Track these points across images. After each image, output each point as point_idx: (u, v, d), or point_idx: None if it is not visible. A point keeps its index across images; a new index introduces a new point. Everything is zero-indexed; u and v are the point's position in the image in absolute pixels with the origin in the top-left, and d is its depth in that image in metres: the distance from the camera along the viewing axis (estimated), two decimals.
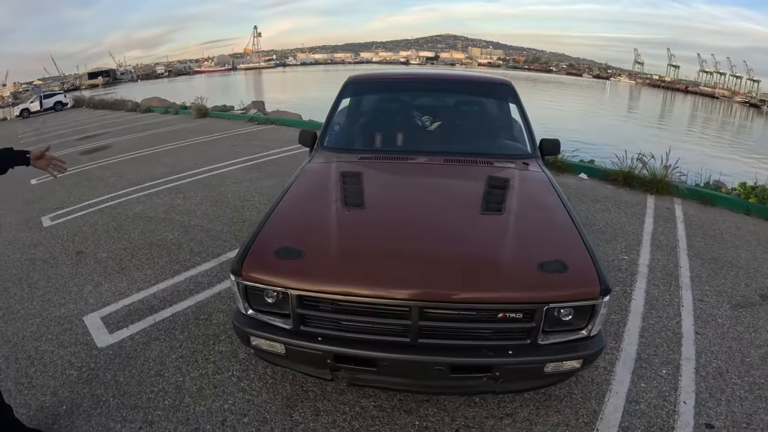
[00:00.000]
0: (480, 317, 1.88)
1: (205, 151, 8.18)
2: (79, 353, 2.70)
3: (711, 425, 2.21)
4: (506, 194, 2.41)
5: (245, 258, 1.99)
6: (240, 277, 1.96)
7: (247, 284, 1.96)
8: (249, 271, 1.94)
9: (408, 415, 2.22)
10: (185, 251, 3.99)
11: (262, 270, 1.95)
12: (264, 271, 1.94)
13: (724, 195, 5.87)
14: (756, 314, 3.24)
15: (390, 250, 2.03)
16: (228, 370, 2.50)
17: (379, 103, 3.72)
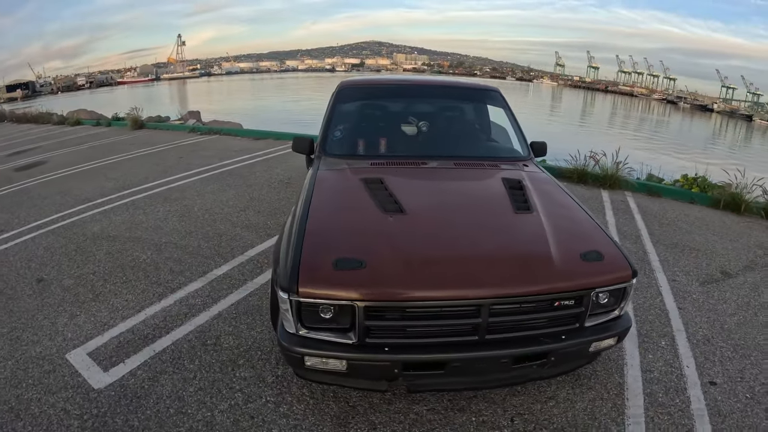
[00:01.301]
0: (538, 308, 1.88)
1: (153, 164, 7.39)
2: (74, 398, 2.23)
3: (714, 382, 2.45)
4: (526, 194, 2.41)
5: (298, 273, 1.72)
6: (296, 295, 1.70)
7: (303, 301, 1.70)
8: (306, 287, 1.70)
9: (462, 413, 2.13)
10: (165, 272, 3.50)
11: (322, 284, 1.72)
12: (325, 286, 1.72)
13: (670, 187, 6.31)
14: (722, 288, 3.54)
15: (451, 252, 1.92)
16: (260, 396, 2.19)
17: (376, 109, 3.55)
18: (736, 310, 3.22)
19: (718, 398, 2.32)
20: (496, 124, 3.64)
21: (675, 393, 2.34)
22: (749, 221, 5.32)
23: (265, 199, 5.25)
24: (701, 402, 2.28)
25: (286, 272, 1.78)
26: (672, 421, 2.16)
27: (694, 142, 28.69)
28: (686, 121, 52.73)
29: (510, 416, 2.12)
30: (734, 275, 3.80)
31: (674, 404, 2.26)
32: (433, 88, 3.86)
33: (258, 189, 5.68)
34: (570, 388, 2.32)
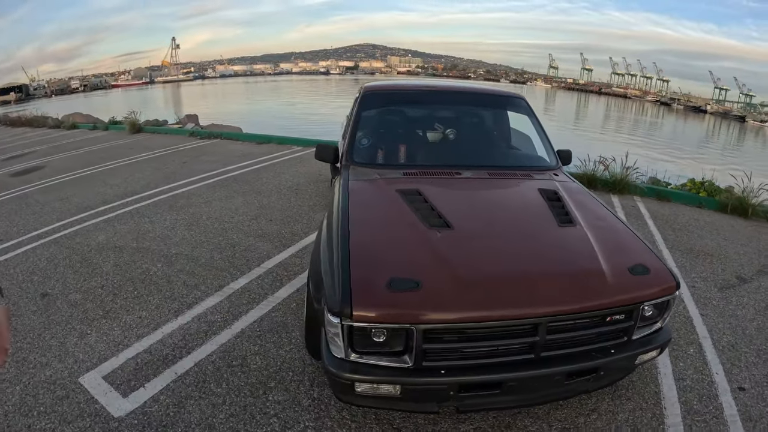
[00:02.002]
0: (592, 323, 1.82)
1: (154, 169, 7.20)
2: (92, 428, 2.06)
3: (743, 388, 2.48)
4: (565, 206, 2.35)
5: (351, 295, 1.60)
6: (349, 319, 1.58)
7: (356, 326, 1.58)
8: (361, 311, 1.58)
9: (509, 429, 2.07)
10: (178, 285, 3.35)
11: (377, 307, 1.61)
12: (381, 309, 1.61)
13: (678, 191, 6.29)
14: (739, 294, 3.52)
15: (506, 270, 1.86)
16: (297, 422, 2.05)
17: (402, 115, 3.44)
18: (755, 315, 3.23)
19: (748, 403, 2.33)
20: (519, 132, 3.56)
21: (708, 400, 2.35)
22: (756, 225, 5.31)
23: (276, 207, 5.10)
24: (733, 408, 2.28)
25: (336, 294, 1.65)
26: (708, 428, 2.16)
27: (690, 143, 28.97)
28: (680, 122, 53.27)
29: (557, 431, 2.07)
30: (749, 280, 3.77)
31: (708, 411, 2.27)
32: (459, 95, 3.73)
33: (267, 196, 5.53)
34: (610, 400, 2.29)
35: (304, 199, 5.38)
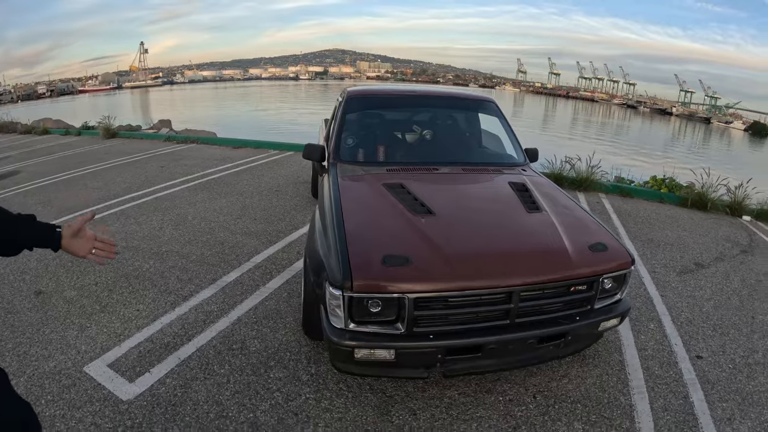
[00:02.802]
0: (558, 293, 2.09)
1: (133, 173, 7.24)
2: (103, 411, 2.19)
3: (700, 356, 2.81)
4: (532, 196, 2.65)
5: (350, 271, 1.83)
6: (350, 291, 1.82)
7: (355, 296, 1.82)
8: (359, 282, 1.82)
9: (490, 394, 2.34)
10: (172, 280, 3.50)
11: (373, 279, 1.85)
12: (376, 280, 1.85)
13: (640, 188, 6.76)
14: (696, 277, 3.93)
15: (483, 247, 2.13)
16: (299, 395, 2.26)
17: (384, 117, 3.73)
18: (711, 295, 3.61)
19: (706, 369, 2.66)
20: (490, 132, 3.90)
21: (668, 366, 2.67)
22: (716, 217, 5.80)
23: (259, 207, 5.27)
24: (692, 373, 2.61)
25: (338, 270, 1.89)
26: (670, 389, 2.46)
27: (656, 145, 30.26)
28: (646, 124, 55.52)
29: (532, 394, 2.36)
30: (707, 266, 4.18)
31: (669, 375, 2.58)
32: (435, 99, 4.08)
33: (249, 197, 5.70)
34: (579, 367, 2.60)
35: (285, 200, 5.57)
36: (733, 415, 2.31)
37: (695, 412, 2.30)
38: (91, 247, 1.31)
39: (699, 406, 2.34)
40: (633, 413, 2.26)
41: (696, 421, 2.24)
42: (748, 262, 4.37)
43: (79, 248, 1.29)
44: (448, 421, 2.13)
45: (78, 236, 1.28)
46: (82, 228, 1.28)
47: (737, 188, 6.05)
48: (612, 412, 2.25)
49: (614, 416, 2.23)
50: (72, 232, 1.27)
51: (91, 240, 1.30)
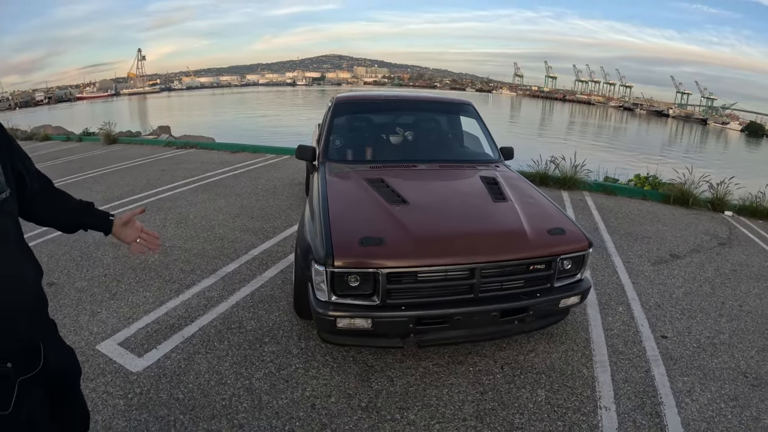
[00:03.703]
0: (517, 270, 2.37)
1: (135, 177, 7.55)
2: (114, 382, 2.47)
3: (665, 336, 3.04)
4: (501, 188, 2.95)
5: (332, 250, 2.13)
6: (332, 267, 2.11)
7: (336, 271, 2.12)
8: (340, 260, 2.12)
9: (461, 365, 2.61)
10: (176, 271, 3.79)
11: (352, 257, 2.14)
12: (354, 258, 2.14)
13: (623, 186, 7.05)
14: (670, 267, 4.19)
15: (449, 230, 2.42)
16: (290, 365, 2.55)
17: (369, 120, 4.07)
18: (683, 283, 3.86)
19: (670, 347, 2.90)
20: (469, 133, 4.23)
21: (633, 344, 2.92)
22: (697, 213, 6.07)
23: (256, 207, 5.58)
24: (655, 350, 2.85)
25: (321, 249, 2.19)
26: (632, 364, 2.71)
27: (652, 146, 30.52)
28: (643, 126, 55.90)
29: (500, 365, 2.63)
30: (682, 257, 4.44)
31: (633, 352, 2.83)
32: (417, 103, 4.45)
33: (247, 198, 6.01)
34: (546, 344, 2.86)
35: (281, 200, 5.88)
36: (693, 388, 2.53)
37: (655, 384, 2.53)
38: (136, 237, 1.49)
39: (660, 380, 2.58)
40: (594, 384, 2.52)
41: (656, 392, 2.47)
42: (725, 253, 4.63)
43: (127, 236, 1.48)
44: (421, 387, 2.40)
45: (127, 226, 1.47)
46: (131, 219, 1.48)
47: (719, 184, 6.31)
48: (574, 382, 2.52)
49: (576, 386, 2.49)
50: (122, 221, 1.47)
51: (137, 230, 1.49)
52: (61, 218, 1.44)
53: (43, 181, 1.41)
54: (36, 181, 1.37)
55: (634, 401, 2.38)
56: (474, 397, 2.35)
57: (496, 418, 2.22)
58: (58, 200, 1.43)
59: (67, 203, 1.44)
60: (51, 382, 1.29)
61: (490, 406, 2.29)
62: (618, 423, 2.22)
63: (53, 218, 1.43)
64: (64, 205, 1.43)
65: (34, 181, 1.35)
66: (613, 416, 2.27)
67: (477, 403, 2.31)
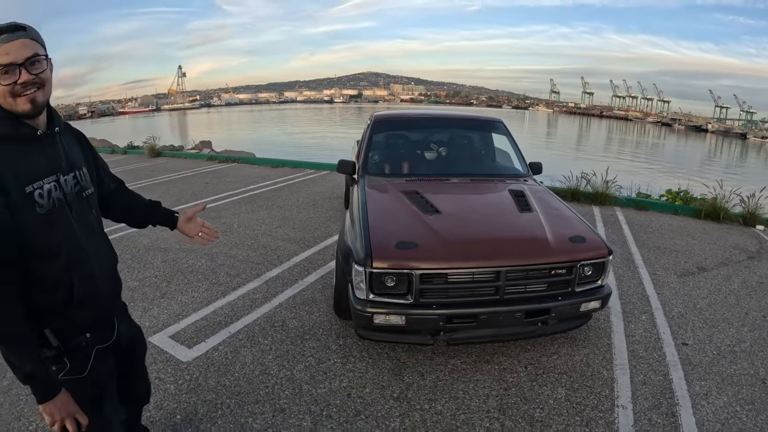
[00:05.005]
0: (540, 275, 2.54)
1: (180, 188, 8.05)
2: (165, 369, 2.72)
3: (686, 343, 3.12)
4: (527, 200, 3.13)
5: (371, 252, 2.38)
6: (371, 267, 2.35)
7: (374, 272, 2.35)
8: (378, 261, 2.36)
9: (487, 363, 2.78)
10: (222, 275, 4.10)
11: (389, 259, 2.38)
12: (391, 260, 2.38)
13: (655, 201, 7.04)
14: (696, 279, 4.22)
15: (477, 236, 2.64)
16: (328, 359, 2.78)
17: (405, 137, 4.38)
18: (708, 294, 3.90)
19: (689, 354, 2.98)
20: (499, 149, 4.44)
21: (653, 350, 3.01)
22: (728, 227, 6.01)
23: (297, 218, 5.91)
24: (675, 356, 2.94)
25: (361, 252, 2.44)
26: (651, 368, 2.81)
27: (691, 163, 29.61)
28: (681, 142, 54.23)
29: (524, 365, 2.79)
30: (709, 269, 4.45)
31: (653, 357, 2.93)
32: (450, 120, 4.75)
33: (288, 210, 6.35)
34: (569, 347, 3.00)
35: (321, 212, 6.19)
36: (710, 391, 2.61)
37: (673, 387, 2.63)
38: (198, 231, 1.71)
39: (677, 383, 2.67)
40: (613, 384, 2.64)
41: (673, 394, 2.57)
42: (753, 266, 4.60)
43: (190, 230, 1.70)
44: (449, 382, 2.59)
45: (190, 221, 1.71)
46: (193, 215, 1.71)
47: (750, 198, 6.22)
48: (594, 383, 2.64)
49: (595, 386, 2.62)
50: (186, 217, 1.70)
51: (199, 225, 1.71)
52: (133, 214, 1.71)
53: (119, 182, 1.69)
54: (113, 182, 1.65)
55: (651, 401, 2.49)
56: (498, 392, 2.51)
57: (517, 411, 2.37)
58: (131, 199, 1.71)
59: (139, 201, 1.72)
60: (121, 353, 1.55)
61: (512, 401, 2.45)
62: (634, 420, 2.34)
63: (126, 214, 1.70)
64: (136, 203, 1.71)
65: (111, 182, 1.64)
66: (630, 414, 2.38)
67: (501, 397, 2.47)
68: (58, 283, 1.26)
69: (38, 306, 1.23)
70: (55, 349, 1.28)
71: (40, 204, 1.19)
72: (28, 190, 1.17)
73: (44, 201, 1.20)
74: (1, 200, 1.13)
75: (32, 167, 1.20)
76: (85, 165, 1.40)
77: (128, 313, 1.71)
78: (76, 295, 1.28)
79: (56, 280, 1.26)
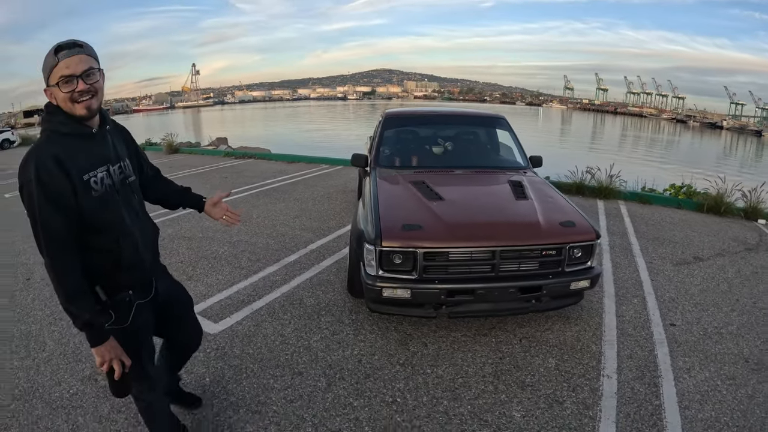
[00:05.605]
0: (532, 255, 2.81)
1: (199, 183, 8.43)
2: None
3: (674, 324, 3.32)
4: (524, 189, 3.40)
5: (381, 233, 2.69)
6: (380, 246, 2.67)
7: (383, 250, 2.66)
8: (387, 241, 2.68)
9: (485, 336, 3.07)
10: (244, 260, 4.44)
11: (396, 239, 2.70)
12: (398, 239, 2.69)
13: (658, 195, 7.21)
14: (691, 268, 4.42)
15: (475, 220, 2.94)
16: (342, 331, 3.10)
17: (414, 132, 4.70)
18: (701, 281, 4.10)
19: (676, 333, 3.20)
20: (503, 144, 4.72)
21: (641, 329, 3.24)
22: (730, 221, 6.16)
23: (313, 210, 6.25)
24: (662, 335, 3.16)
25: (372, 233, 2.76)
26: (638, 344, 3.05)
27: (705, 160, 29.29)
28: (696, 139, 53.49)
29: (519, 338, 3.07)
30: (705, 259, 4.64)
31: (640, 335, 3.16)
32: (456, 117, 5.11)
33: (304, 202, 6.71)
34: (561, 324, 3.26)
35: (336, 204, 6.52)
36: (693, 366, 2.83)
37: (657, 362, 2.86)
38: (223, 214, 1.94)
39: (662, 358, 2.90)
40: (600, 357, 2.90)
41: (656, 368, 2.80)
42: (750, 257, 4.76)
43: (215, 213, 1.94)
44: (450, 351, 2.89)
45: (216, 206, 1.95)
46: (219, 200, 1.96)
47: (751, 192, 6.36)
48: (582, 355, 2.90)
49: (584, 358, 2.88)
50: (213, 202, 1.95)
51: (223, 210, 1.95)
52: (168, 197, 2.00)
53: (155, 170, 2.00)
54: (151, 169, 1.96)
55: (635, 373, 2.74)
56: (493, 361, 2.80)
57: (510, 377, 2.66)
58: (166, 184, 2.02)
59: (173, 186, 2.03)
60: (162, 307, 1.83)
61: (506, 368, 2.74)
62: (617, 388, 2.59)
63: (162, 197, 1.99)
64: (170, 188, 2.01)
65: (149, 169, 1.94)
66: (614, 383, 2.64)
67: (496, 365, 2.76)
68: (108, 251, 1.53)
69: (92, 269, 1.51)
70: (103, 303, 1.54)
71: (95, 189, 1.47)
72: (85, 178, 1.44)
73: (98, 187, 1.48)
74: (69, 187, 1.40)
75: (88, 159, 1.47)
76: (128, 157, 1.68)
77: (168, 273, 2.01)
78: (123, 261, 1.57)
79: (107, 249, 1.53)
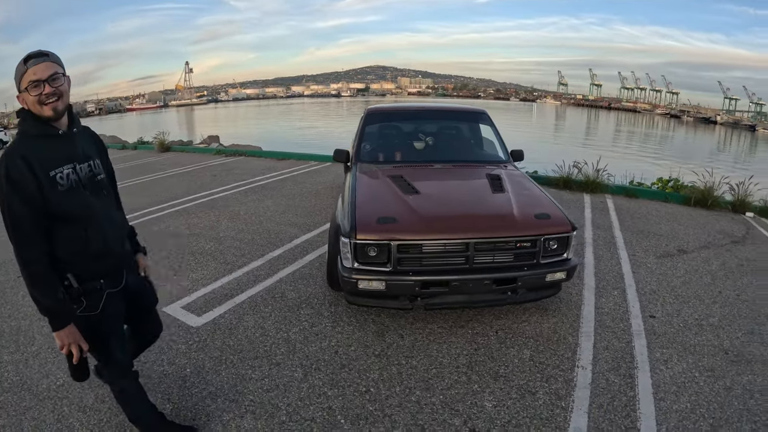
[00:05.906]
0: (506, 247, 2.83)
1: (189, 181, 8.45)
2: (177, 333, 3.07)
3: (653, 316, 3.32)
4: (502, 182, 3.43)
5: (356, 226, 2.72)
6: (355, 239, 2.70)
7: (358, 243, 2.70)
8: (361, 234, 2.71)
9: (462, 328, 3.10)
10: (230, 255, 4.47)
11: (371, 231, 2.73)
12: (373, 232, 2.73)
13: (645, 188, 7.24)
14: (674, 260, 4.44)
15: (449, 213, 2.96)
16: (320, 323, 3.14)
17: (395, 127, 4.73)
18: (684, 274, 4.11)
19: (655, 325, 3.21)
20: (485, 138, 4.75)
21: (620, 321, 3.25)
22: (717, 214, 6.20)
23: (300, 206, 6.27)
24: (641, 327, 3.17)
25: (347, 226, 2.79)
26: (615, 336, 3.07)
27: (699, 155, 29.38)
28: (690, 134, 53.68)
29: (495, 330, 3.10)
30: (689, 252, 4.67)
31: (618, 327, 3.18)
32: (437, 112, 5.14)
33: (292, 198, 6.73)
34: (539, 316, 3.28)
35: (323, 200, 6.54)
36: (671, 358, 2.83)
37: (634, 353, 2.87)
38: None
39: (639, 350, 2.91)
40: (576, 348, 2.92)
41: (633, 359, 2.81)
42: (736, 250, 4.76)
43: None
44: (426, 343, 2.92)
45: None
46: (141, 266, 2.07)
47: (739, 185, 6.39)
48: (558, 347, 2.93)
49: (559, 349, 2.90)
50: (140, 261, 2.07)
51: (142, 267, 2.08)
52: None
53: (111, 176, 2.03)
54: None
55: (611, 364, 2.76)
56: (468, 352, 2.83)
57: (484, 368, 2.69)
58: None
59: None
60: (131, 298, 1.94)
61: (481, 359, 2.77)
62: (592, 379, 2.61)
63: None
64: None
65: None
66: (588, 374, 2.66)
67: (470, 356, 2.80)
68: (77, 240, 1.66)
69: (63, 257, 1.64)
70: (75, 290, 1.67)
71: (61, 184, 1.61)
72: (51, 174, 1.59)
73: (64, 182, 1.62)
74: (35, 183, 1.55)
75: (55, 157, 1.61)
76: (98, 157, 1.82)
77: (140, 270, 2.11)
78: (91, 250, 1.69)
79: (75, 238, 1.66)
